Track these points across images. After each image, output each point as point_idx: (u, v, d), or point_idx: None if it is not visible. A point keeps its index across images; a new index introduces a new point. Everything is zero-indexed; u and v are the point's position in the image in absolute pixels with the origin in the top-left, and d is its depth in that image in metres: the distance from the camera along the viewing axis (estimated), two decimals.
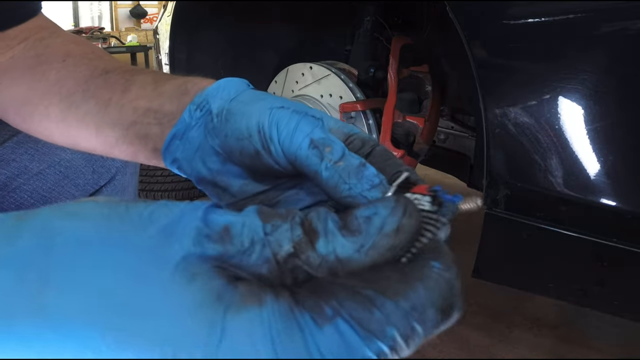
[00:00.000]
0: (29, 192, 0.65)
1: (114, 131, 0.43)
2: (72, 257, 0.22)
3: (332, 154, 0.32)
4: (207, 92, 0.38)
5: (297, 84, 1.50)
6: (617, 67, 0.83)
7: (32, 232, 0.23)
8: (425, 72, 1.46)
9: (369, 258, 0.22)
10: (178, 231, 0.22)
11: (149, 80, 0.43)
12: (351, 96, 1.37)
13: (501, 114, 0.90)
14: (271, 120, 0.34)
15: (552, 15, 0.86)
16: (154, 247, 0.22)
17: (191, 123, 0.38)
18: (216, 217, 0.23)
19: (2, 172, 0.63)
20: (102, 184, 0.71)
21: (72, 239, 0.22)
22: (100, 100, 0.44)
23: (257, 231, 0.23)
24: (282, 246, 0.22)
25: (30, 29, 0.54)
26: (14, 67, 0.52)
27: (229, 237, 0.22)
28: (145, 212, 0.23)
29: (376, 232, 0.23)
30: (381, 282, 0.21)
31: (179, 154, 0.38)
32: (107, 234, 0.22)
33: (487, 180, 0.94)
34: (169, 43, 1.71)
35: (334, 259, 0.22)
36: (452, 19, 0.96)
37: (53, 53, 0.51)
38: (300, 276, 0.23)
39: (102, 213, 0.23)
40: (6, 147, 0.64)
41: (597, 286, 0.91)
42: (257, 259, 0.22)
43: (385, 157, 0.34)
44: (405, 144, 1.42)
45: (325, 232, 0.23)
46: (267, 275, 0.22)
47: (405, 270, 0.22)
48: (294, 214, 0.24)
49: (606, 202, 0.84)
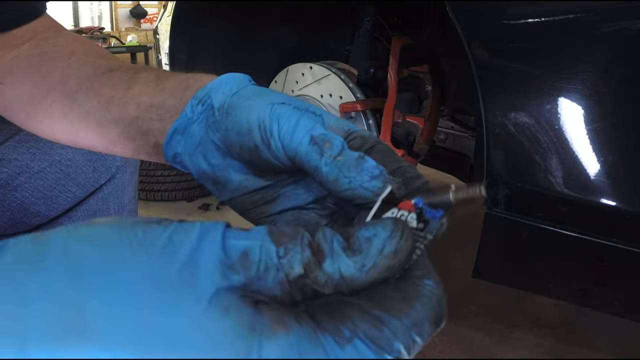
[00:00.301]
0: (30, 190, 0.65)
1: (116, 128, 0.43)
2: (105, 292, 0.22)
3: (332, 149, 0.32)
4: (209, 87, 0.38)
5: (297, 84, 1.50)
6: (617, 67, 0.84)
7: (55, 258, 0.23)
8: (425, 72, 1.46)
9: (370, 277, 0.25)
10: (202, 263, 0.23)
11: (151, 77, 0.43)
12: (351, 96, 1.37)
13: (501, 114, 0.90)
14: (272, 116, 0.34)
15: (552, 15, 0.86)
16: (185, 282, 0.23)
17: (193, 117, 0.38)
18: (234, 242, 0.24)
19: (4, 170, 0.64)
20: (103, 182, 0.71)
21: (101, 272, 0.23)
22: (102, 99, 0.44)
23: (272, 256, 0.24)
24: (294, 268, 0.24)
25: (35, 29, 0.54)
26: (19, 66, 0.52)
27: (248, 262, 0.24)
28: (164, 239, 0.24)
29: (376, 254, 0.25)
30: (385, 302, 0.24)
31: (180, 148, 0.39)
32: (134, 268, 0.23)
33: (487, 180, 0.94)
34: (169, 43, 1.72)
35: (338, 277, 0.24)
36: (452, 19, 0.96)
37: (58, 52, 0.51)
38: (308, 293, 0.24)
39: (121, 240, 0.24)
40: (7, 146, 0.64)
41: (597, 286, 0.91)
42: (273, 282, 0.24)
43: (385, 154, 0.35)
44: (405, 144, 1.42)
45: (331, 252, 0.25)
46: (280, 296, 0.24)
47: (404, 289, 0.25)
48: (301, 234, 0.25)
49: (606, 202, 0.85)
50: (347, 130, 0.36)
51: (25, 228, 0.67)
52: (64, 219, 0.68)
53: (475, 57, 0.92)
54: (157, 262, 0.23)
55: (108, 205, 0.72)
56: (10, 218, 0.65)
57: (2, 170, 0.63)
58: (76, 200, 0.69)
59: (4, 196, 0.64)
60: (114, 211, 0.73)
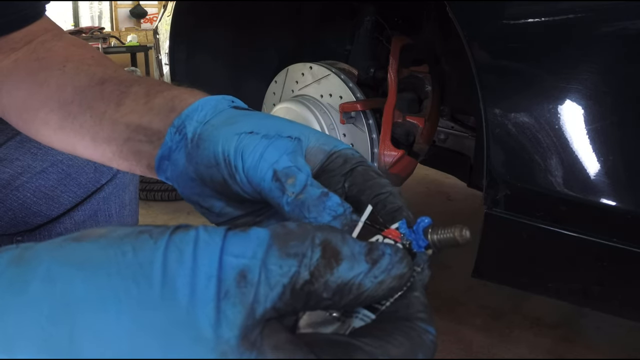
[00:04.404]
0: (31, 190, 0.65)
1: (110, 146, 0.43)
2: (95, 334, 0.21)
3: (294, 186, 0.31)
4: (185, 114, 0.37)
5: (297, 84, 1.50)
6: (617, 67, 0.84)
7: (38, 286, 0.21)
8: (425, 72, 1.46)
9: (373, 291, 0.24)
10: (199, 298, 0.21)
11: (141, 93, 0.42)
12: (351, 96, 1.37)
13: (501, 114, 0.90)
14: (236, 148, 0.33)
15: (552, 15, 0.86)
16: (182, 322, 0.21)
17: (172, 146, 0.37)
18: (231, 260, 0.22)
19: (6, 170, 0.64)
20: (104, 182, 0.71)
21: (88, 306, 0.21)
22: (95, 113, 0.44)
23: (275, 272, 0.22)
24: (300, 274, 0.22)
25: (34, 32, 0.54)
26: (16, 72, 0.52)
27: (246, 286, 0.22)
28: (157, 265, 0.22)
29: (386, 270, 0.24)
30: (393, 350, 0.23)
31: (169, 173, 0.38)
32: (126, 302, 0.21)
33: (487, 180, 0.94)
34: (169, 43, 1.71)
35: (351, 284, 0.24)
36: (452, 19, 0.96)
37: (54, 58, 0.51)
38: (312, 300, 0.23)
39: (109, 262, 0.22)
40: (9, 146, 0.64)
41: (597, 286, 0.91)
42: (274, 299, 0.22)
43: (366, 177, 0.33)
44: (405, 144, 1.42)
45: (352, 256, 0.24)
46: (279, 307, 0.22)
47: (412, 337, 0.24)
48: (312, 235, 0.23)
49: (606, 202, 0.85)
50: (329, 151, 0.35)
51: (26, 227, 0.67)
52: (65, 219, 0.68)
53: (475, 57, 0.93)
54: (148, 296, 0.21)
55: (109, 204, 0.72)
56: (12, 218, 0.65)
57: (4, 170, 0.63)
58: (78, 199, 0.69)
59: (5, 196, 0.64)
60: (115, 211, 0.73)
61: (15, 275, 0.22)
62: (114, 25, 7.51)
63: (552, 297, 1.04)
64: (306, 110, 1.42)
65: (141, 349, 0.21)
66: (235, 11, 1.67)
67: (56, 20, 0.58)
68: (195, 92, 0.40)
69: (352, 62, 1.48)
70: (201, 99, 0.38)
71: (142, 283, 0.21)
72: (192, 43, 1.73)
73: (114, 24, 7.53)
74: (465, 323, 1.59)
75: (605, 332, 1.56)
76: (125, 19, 7.63)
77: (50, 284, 0.21)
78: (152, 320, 0.21)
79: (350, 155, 0.35)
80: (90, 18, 7.51)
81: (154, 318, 0.21)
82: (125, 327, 0.21)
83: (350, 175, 0.34)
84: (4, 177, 0.64)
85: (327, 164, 0.35)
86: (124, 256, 0.22)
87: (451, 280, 1.76)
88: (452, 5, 0.95)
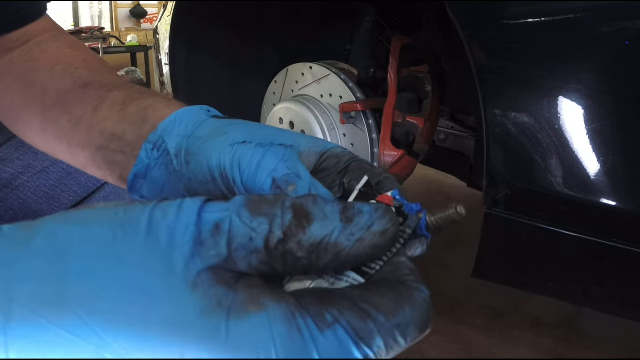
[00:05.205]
0: (32, 189, 0.65)
1: (84, 152, 0.42)
2: (84, 271, 0.23)
3: (296, 193, 0.31)
4: (161, 128, 0.36)
5: (297, 84, 1.50)
6: (617, 67, 0.84)
7: (41, 239, 0.24)
8: (425, 72, 1.46)
9: (354, 250, 0.25)
10: (177, 240, 0.24)
11: (119, 99, 0.42)
12: (351, 96, 1.37)
13: (501, 114, 0.90)
14: (232, 160, 0.33)
15: (552, 15, 0.86)
16: (160, 258, 0.23)
17: (150, 164, 0.36)
18: (208, 216, 0.24)
19: (6, 169, 0.64)
20: (104, 182, 0.71)
21: (81, 251, 0.24)
22: (72, 117, 0.43)
23: (244, 224, 0.24)
24: (274, 232, 0.24)
25: (32, 32, 0.53)
26: (9, 72, 0.51)
27: (219, 233, 0.24)
28: (144, 218, 0.24)
29: (365, 227, 0.25)
30: (376, 298, 0.24)
31: (145, 192, 0.37)
32: (112, 246, 0.24)
33: (487, 180, 0.94)
34: (169, 43, 1.71)
35: (325, 243, 0.24)
36: (452, 19, 0.96)
37: (45, 59, 0.50)
38: (289, 261, 0.24)
39: (102, 218, 0.25)
40: (9, 145, 0.64)
41: (597, 286, 0.91)
42: (248, 253, 0.24)
43: (363, 170, 0.34)
44: (405, 144, 1.42)
45: (323, 215, 0.24)
46: (258, 266, 0.24)
47: (398, 291, 0.25)
48: (283, 198, 0.25)
49: (606, 202, 0.85)
50: (320, 152, 0.35)
51: None
52: None
53: (475, 57, 0.93)
54: (133, 240, 0.24)
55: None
56: (13, 217, 0.65)
57: (4, 169, 0.63)
58: (78, 199, 0.69)
59: (6, 195, 0.64)
60: None
61: (23, 235, 0.24)
62: (114, 25, 7.51)
63: (552, 297, 1.04)
64: (306, 110, 1.42)
65: (122, 281, 0.23)
66: (235, 11, 1.67)
67: (56, 20, 0.57)
68: (172, 101, 0.39)
69: (352, 62, 1.48)
70: (176, 110, 0.37)
71: (129, 231, 0.24)
72: (192, 43, 1.73)
73: (114, 24, 7.53)
74: (465, 323, 1.60)
75: (605, 332, 1.56)
76: (125, 19, 7.63)
77: (53, 237, 0.24)
78: (134, 259, 0.23)
79: (341, 153, 0.35)
80: (90, 18, 7.50)
81: (136, 257, 0.23)
82: (110, 265, 0.23)
83: (346, 172, 0.34)
84: (4, 177, 0.64)
85: (320, 164, 0.35)
86: (117, 215, 0.25)
87: (451, 280, 1.77)
88: (452, 5, 0.95)
